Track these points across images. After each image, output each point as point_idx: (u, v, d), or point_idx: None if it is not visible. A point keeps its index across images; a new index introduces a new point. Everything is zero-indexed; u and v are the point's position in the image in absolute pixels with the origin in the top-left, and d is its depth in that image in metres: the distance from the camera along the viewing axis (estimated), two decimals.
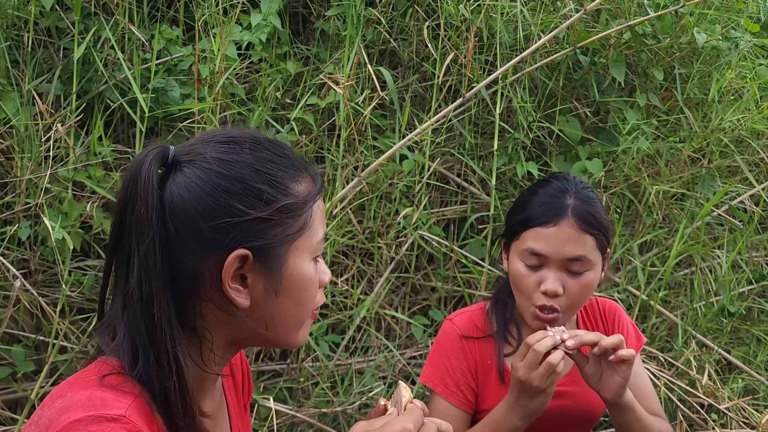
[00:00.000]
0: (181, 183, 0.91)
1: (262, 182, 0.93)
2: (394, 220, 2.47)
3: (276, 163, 0.96)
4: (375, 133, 2.51)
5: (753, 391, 2.51)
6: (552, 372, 1.33)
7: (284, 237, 0.94)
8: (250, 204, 0.92)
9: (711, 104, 2.63)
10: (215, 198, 0.91)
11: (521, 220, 1.51)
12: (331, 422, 2.23)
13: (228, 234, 0.91)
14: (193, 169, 0.92)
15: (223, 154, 0.94)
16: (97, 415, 0.85)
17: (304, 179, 0.98)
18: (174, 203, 0.91)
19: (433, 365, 1.59)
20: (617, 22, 2.52)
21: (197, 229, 0.91)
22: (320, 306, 1.03)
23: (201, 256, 0.91)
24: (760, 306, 2.70)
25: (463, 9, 2.42)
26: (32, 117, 2.10)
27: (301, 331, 1.02)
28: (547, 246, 1.46)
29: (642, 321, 2.59)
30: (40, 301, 2.01)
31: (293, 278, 0.96)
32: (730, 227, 2.74)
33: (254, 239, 0.92)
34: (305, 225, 0.96)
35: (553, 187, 1.52)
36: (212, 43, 2.22)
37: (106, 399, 0.88)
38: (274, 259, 0.94)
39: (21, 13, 2.18)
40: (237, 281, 0.93)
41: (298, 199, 0.96)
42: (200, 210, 0.91)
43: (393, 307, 2.57)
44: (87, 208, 2.07)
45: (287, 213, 0.94)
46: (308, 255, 0.97)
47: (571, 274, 1.47)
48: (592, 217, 1.48)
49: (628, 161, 2.52)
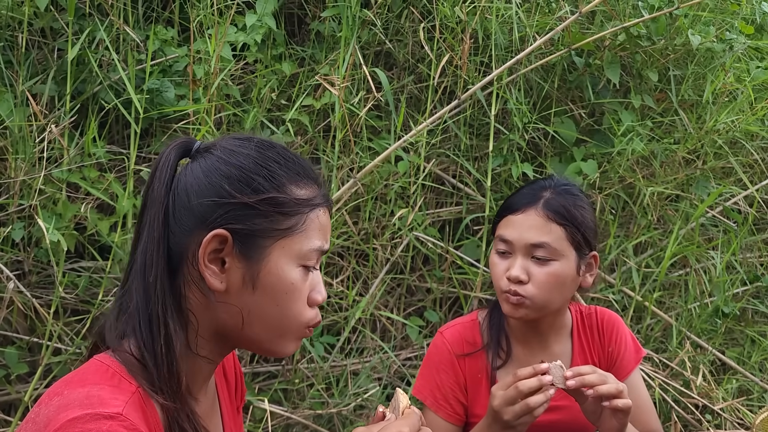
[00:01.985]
0: (190, 167, 0.99)
1: (257, 174, 0.96)
2: (389, 221, 2.47)
3: (279, 163, 0.98)
4: (370, 134, 2.51)
5: (747, 392, 2.52)
6: (527, 413, 1.30)
7: (269, 230, 0.96)
8: (239, 188, 0.95)
9: (705, 106, 2.64)
10: (209, 178, 0.96)
11: (499, 212, 1.55)
12: (326, 424, 2.22)
13: (213, 212, 0.95)
14: (204, 156, 0.99)
15: (233, 146, 0.99)
16: (95, 413, 0.86)
17: (308, 186, 0.99)
18: (179, 182, 0.97)
19: (424, 378, 1.60)
20: (612, 24, 2.52)
21: (189, 205, 0.96)
22: (313, 325, 1.02)
23: (188, 231, 0.96)
24: (754, 307, 2.71)
25: (459, 10, 2.42)
26: (26, 118, 2.10)
27: (285, 340, 1.00)
28: (513, 232, 1.48)
29: (637, 322, 2.59)
30: (34, 302, 2.01)
31: (272, 276, 0.96)
32: (725, 228, 2.75)
33: (236, 223, 0.95)
34: (296, 226, 0.97)
35: (536, 183, 1.55)
36: (207, 43, 2.22)
37: (103, 397, 0.88)
38: (255, 250, 0.96)
39: (15, 14, 2.18)
40: (216, 264, 0.95)
41: (292, 199, 0.97)
42: (195, 188, 0.96)
43: (388, 308, 2.57)
44: (81, 209, 2.06)
45: (276, 207, 0.96)
46: (294, 259, 0.97)
47: (536, 261, 1.46)
48: (563, 209, 1.47)
49: (622, 162, 2.53)
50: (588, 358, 1.60)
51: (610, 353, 1.60)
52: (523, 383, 1.31)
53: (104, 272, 2.13)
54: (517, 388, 1.31)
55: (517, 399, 1.30)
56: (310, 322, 1.01)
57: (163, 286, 0.95)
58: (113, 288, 2.11)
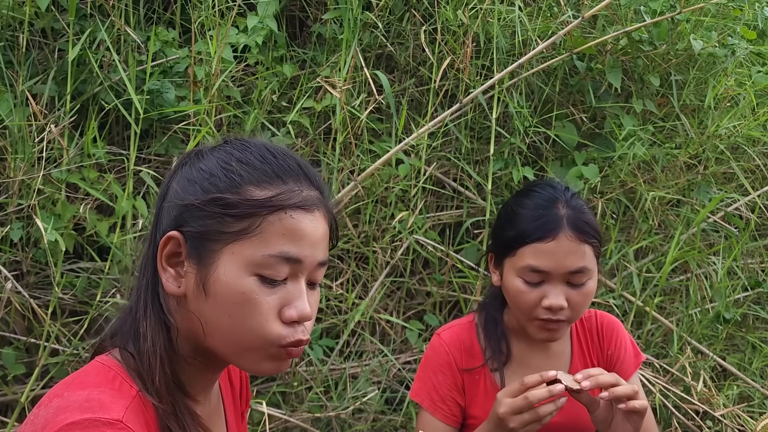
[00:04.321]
0: (181, 170, 0.99)
1: (213, 174, 0.94)
2: (389, 224, 2.46)
3: (245, 163, 0.94)
4: (371, 137, 2.50)
5: (748, 398, 2.50)
6: (536, 421, 1.29)
7: (218, 233, 0.91)
8: (192, 190, 0.94)
9: (707, 111, 2.63)
10: (179, 183, 0.97)
11: (515, 237, 1.46)
12: (324, 427, 2.21)
13: (173, 214, 0.95)
14: (191, 161, 0.99)
15: (212, 150, 0.99)
16: (94, 418, 0.84)
17: (275, 188, 0.92)
18: (170, 185, 0.99)
19: (421, 380, 1.59)
20: (614, 29, 2.52)
21: (166, 206, 0.97)
22: (289, 344, 0.91)
23: (158, 233, 0.97)
24: (756, 313, 2.70)
25: (461, 14, 2.42)
26: (26, 118, 2.09)
27: (252, 357, 0.93)
28: (548, 262, 1.42)
29: (637, 327, 2.58)
30: (32, 303, 2.00)
31: (220, 283, 0.90)
32: (726, 234, 2.73)
33: (187, 225, 0.93)
34: (248, 230, 0.90)
35: (542, 198, 1.48)
36: (208, 45, 2.21)
37: (103, 401, 0.86)
38: (206, 254, 0.92)
39: (16, 14, 2.17)
40: (175, 266, 0.95)
41: (245, 200, 0.91)
42: (173, 190, 0.97)
43: (388, 311, 2.55)
44: (80, 209, 2.05)
45: (225, 208, 0.91)
46: (246, 265, 0.90)
47: (572, 286, 1.44)
48: (587, 225, 1.46)
49: (624, 167, 2.52)
50: (587, 360, 1.59)
51: (609, 356, 1.59)
52: (533, 394, 1.28)
53: (103, 273, 2.12)
54: (527, 398, 1.28)
55: (525, 409, 1.28)
56: (282, 339, 0.91)
57: (148, 286, 0.96)
58: (111, 289, 2.10)
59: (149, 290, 0.95)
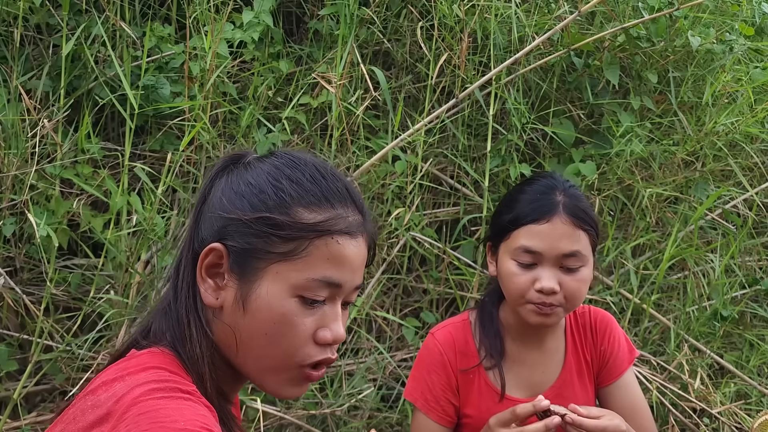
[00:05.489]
0: (225, 177, 0.98)
1: (263, 191, 0.93)
2: (385, 221, 2.45)
3: (295, 182, 0.93)
4: (368, 134, 2.49)
5: (745, 396, 2.50)
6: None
7: (264, 252, 0.91)
8: (240, 204, 0.93)
9: (705, 108, 2.62)
10: (224, 192, 0.96)
11: (512, 219, 1.48)
12: (319, 424, 2.20)
13: (217, 225, 0.94)
14: (239, 169, 0.98)
15: (261, 161, 0.98)
16: (174, 386, 0.84)
17: (323, 212, 0.92)
18: (212, 192, 0.98)
19: (415, 380, 1.58)
20: (611, 25, 2.51)
21: (208, 214, 0.96)
22: (316, 363, 0.93)
23: (204, 240, 0.95)
24: (753, 310, 2.69)
25: (457, 8, 2.41)
26: (19, 113, 2.08)
27: (279, 379, 0.94)
28: (541, 243, 1.43)
29: (634, 325, 2.57)
30: (24, 299, 1.99)
31: (261, 301, 0.91)
32: (724, 231, 2.72)
33: (232, 239, 0.92)
34: (295, 252, 0.90)
35: (541, 185, 1.50)
36: (203, 40, 2.20)
37: (174, 377, 0.87)
38: (249, 271, 0.92)
39: (10, 8, 2.16)
40: (217, 278, 0.94)
41: (293, 221, 0.91)
42: (215, 198, 0.96)
43: (384, 308, 2.54)
44: (74, 205, 2.04)
45: (273, 228, 0.91)
46: (289, 287, 0.91)
47: (566, 270, 1.44)
48: (583, 212, 1.46)
49: (621, 164, 2.51)
50: (581, 356, 1.59)
51: (602, 352, 1.59)
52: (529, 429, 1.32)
53: (96, 270, 2.11)
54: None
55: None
56: (308, 359, 0.93)
57: (188, 289, 0.95)
58: (105, 285, 2.09)
59: (190, 296, 0.94)
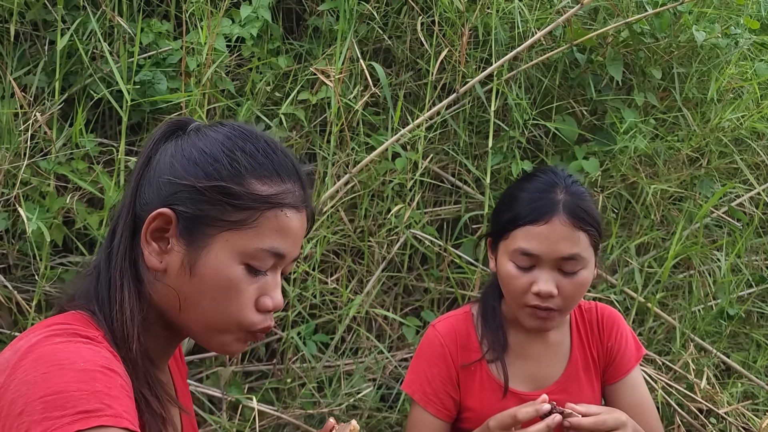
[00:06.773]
0: (170, 144, 0.98)
1: (217, 160, 0.94)
2: (385, 218, 2.42)
3: (248, 154, 0.96)
4: (368, 131, 2.46)
5: (752, 396, 2.45)
6: None
7: (214, 219, 0.93)
8: (193, 171, 0.94)
9: (710, 103, 2.58)
10: (175, 157, 0.96)
11: (510, 219, 1.43)
12: (317, 424, 2.16)
13: (166, 190, 0.94)
14: (186, 136, 0.98)
15: (212, 130, 0.98)
16: (73, 332, 0.86)
17: (275, 185, 0.95)
18: (155, 157, 0.98)
19: (414, 372, 1.54)
20: (615, 20, 2.47)
21: (153, 180, 0.96)
22: (260, 331, 0.97)
23: (148, 206, 0.95)
24: (760, 309, 2.64)
25: (458, 2, 2.38)
26: (13, 109, 2.05)
27: (222, 338, 0.97)
28: (539, 245, 1.39)
29: (639, 324, 2.53)
30: (16, 296, 1.96)
31: (209, 267, 0.93)
32: (730, 229, 2.68)
33: (183, 205, 0.93)
34: (246, 222, 0.93)
35: (542, 182, 1.45)
36: (200, 35, 2.18)
37: (72, 326, 0.89)
38: (198, 236, 0.93)
39: (5, 2, 2.14)
40: (160, 242, 0.95)
41: (248, 192, 0.94)
42: (162, 164, 0.96)
43: (384, 307, 2.51)
44: (67, 200, 2.01)
45: (227, 197, 0.93)
46: (237, 255, 0.93)
47: (564, 273, 1.40)
48: (584, 212, 1.41)
49: (625, 161, 2.47)
50: (587, 351, 1.55)
51: (609, 349, 1.55)
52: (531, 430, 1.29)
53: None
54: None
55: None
56: (253, 326, 0.96)
57: (125, 252, 0.95)
58: None
59: (126, 259, 0.95)
